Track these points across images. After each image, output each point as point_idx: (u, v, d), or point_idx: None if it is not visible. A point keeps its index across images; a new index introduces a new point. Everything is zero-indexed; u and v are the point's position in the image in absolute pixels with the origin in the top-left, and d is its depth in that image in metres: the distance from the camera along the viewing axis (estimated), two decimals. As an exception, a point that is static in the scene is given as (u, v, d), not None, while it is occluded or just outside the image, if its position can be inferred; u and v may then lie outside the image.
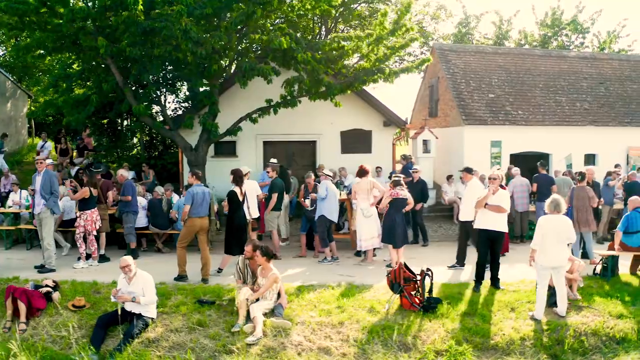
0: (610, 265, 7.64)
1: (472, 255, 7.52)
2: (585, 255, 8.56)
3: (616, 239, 7.80)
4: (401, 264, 6.55)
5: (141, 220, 9.34)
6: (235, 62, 10.90)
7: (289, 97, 10.43)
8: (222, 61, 10.24)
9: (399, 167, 13.29)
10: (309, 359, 5.66)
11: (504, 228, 7.21)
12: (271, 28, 10.83)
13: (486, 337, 5.99)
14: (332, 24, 16.55)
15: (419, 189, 10.25)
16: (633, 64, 15.02)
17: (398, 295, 6.54)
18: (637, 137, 13.41)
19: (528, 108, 13.08)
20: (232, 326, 6.03)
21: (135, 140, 13.39)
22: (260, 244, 6.61)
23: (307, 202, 8.81)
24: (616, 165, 12.10)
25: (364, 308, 6.54)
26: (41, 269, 7.90)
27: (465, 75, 13.42)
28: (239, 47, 10.96)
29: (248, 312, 6.16)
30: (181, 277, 7.55)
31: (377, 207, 8.56)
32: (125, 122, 13.29)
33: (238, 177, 7.83)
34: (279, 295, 6.50)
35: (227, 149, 12.07)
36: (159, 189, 9.56)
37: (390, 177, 11.11)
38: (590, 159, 13.29)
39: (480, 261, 7.22)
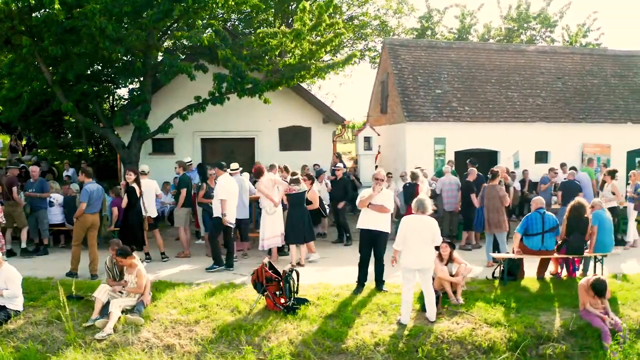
0: (506, 269, 7.29)
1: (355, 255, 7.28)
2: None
3: (515, 241, 7.44)
4: (264, 263, 6.41)
5: (57, 217, 9.45)
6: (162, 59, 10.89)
7: (217, 94, 10.36)
8: (148, 59, 10.22)
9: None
10: (150, 355, 5.61)
11: (387, 228, 6.96)
12: (201, 24, 10.79)
13: (338, 340, 5.79)
14: (291, 19, 16.34)
15: (342, 187, 10.07)
16: (596, 58, 14.34)
17: (263, 296, 6.40)
18: (592, 134, 12.81)
19: (476, 104, 12.64)
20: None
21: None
22: (118, 243, 6.61)
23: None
24: (562, 165, 11.60)
25: (228, 307, 6.43)
26: None
27: (414, 70, 13.06)
28: (167, 45, 10.96)
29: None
30: (71, 274, 7.64)
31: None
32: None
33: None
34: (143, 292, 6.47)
35: (164, 147, 12.09)
36: (74, 186, 9.63)
37: (332, 174, 10.99)
38: (542, 157, 12.77)
39: (362, 262, 7.00)
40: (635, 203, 10.09)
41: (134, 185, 7.89)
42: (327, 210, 9.89)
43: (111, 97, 13.53)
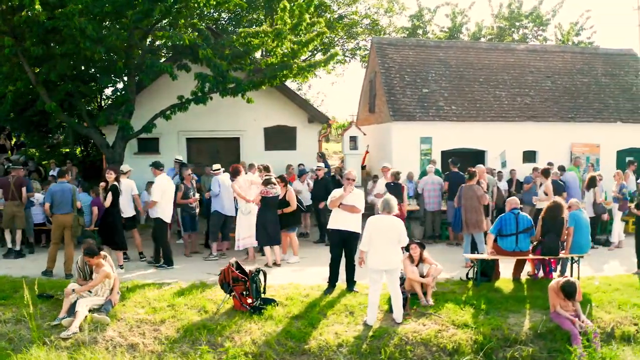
0: (479, 270, 7.22)
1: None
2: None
3: (488, 242, 7.37)
4: (230, 263, 6.40)
5: (38, 216, 9.50)
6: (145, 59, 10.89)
7: (199, 94, 10.37)
8: (130, 59, 10.21)
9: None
10: (114, 354, 5.62)
11: (357, 228, 6.91)
12: (184, 24, 10.81)
13: (301, 341, 5.77)
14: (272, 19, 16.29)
15: (323, 187, 10.02)
16: (587, 56, 14.17)
17: (230, 296, 6.40)
18: (581, 133, 12.67)
19: (463, 103, 12.54)
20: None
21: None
22: (89, 243, 6.61)
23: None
24: (549, 164, 11.44)
25: (196, 307, 6.43)
26: None
27: (401, 69, 12.98)
28: (154, 44, 10.97)
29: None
30: (47, 272, 7.69)
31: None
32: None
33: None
34: (112, 291, 6.49)
35: (149, 146, 12.08)
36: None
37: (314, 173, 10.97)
38: (530, 156, 12.65)
39: (332, 263, 6.98)
40: (620, 203, 9.98)
41: (116, 183, 7.91)
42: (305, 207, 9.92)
43: (99, 96, 13.59)
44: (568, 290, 6.07)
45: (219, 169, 8.93)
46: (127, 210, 8.33)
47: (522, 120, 12.49)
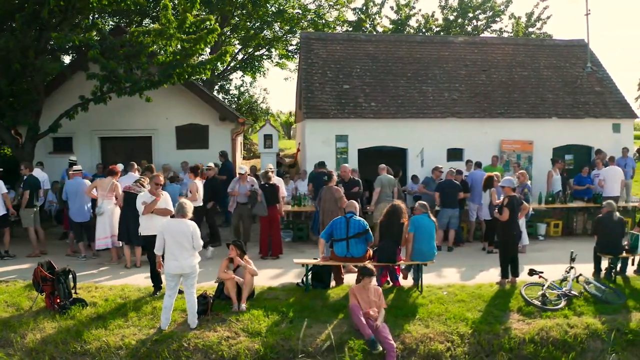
0: (307, 275, 6.97)
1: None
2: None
3: (319, 246, 7.09)
4: (40, 264, 6.54)
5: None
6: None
7: (99, 94, 10.57)
8: (27, 59, 10.46)
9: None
10: None
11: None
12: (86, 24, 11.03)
13: (86, 342, 5.82)
14: (217, 17, 16.17)
15: (210, 188, 9.98)
16: (531, 48, 13.19)
17: (41, 295, 6.54)
18: (512, 130, 11.85)
19: (384, 99, 12.05)
20: None
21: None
22: None
23: None
24: (467, 162, 10.81)
25: (14, 305, 6.64)
26: None
27: (325, 65, 12.64)
28: (52, 46, 11.22)
29: None
30: None
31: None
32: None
33: None
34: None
35: (63, 146, 12.36)
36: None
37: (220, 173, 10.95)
38: (456, 154, 11.99)
39: (153, 268, 6.96)
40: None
41: None
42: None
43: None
44: (364, 272, 6.06)
45: (80, 170, 9.08)
46: (-6, 209, 8.62)
47: (445, 116, 11.85)
